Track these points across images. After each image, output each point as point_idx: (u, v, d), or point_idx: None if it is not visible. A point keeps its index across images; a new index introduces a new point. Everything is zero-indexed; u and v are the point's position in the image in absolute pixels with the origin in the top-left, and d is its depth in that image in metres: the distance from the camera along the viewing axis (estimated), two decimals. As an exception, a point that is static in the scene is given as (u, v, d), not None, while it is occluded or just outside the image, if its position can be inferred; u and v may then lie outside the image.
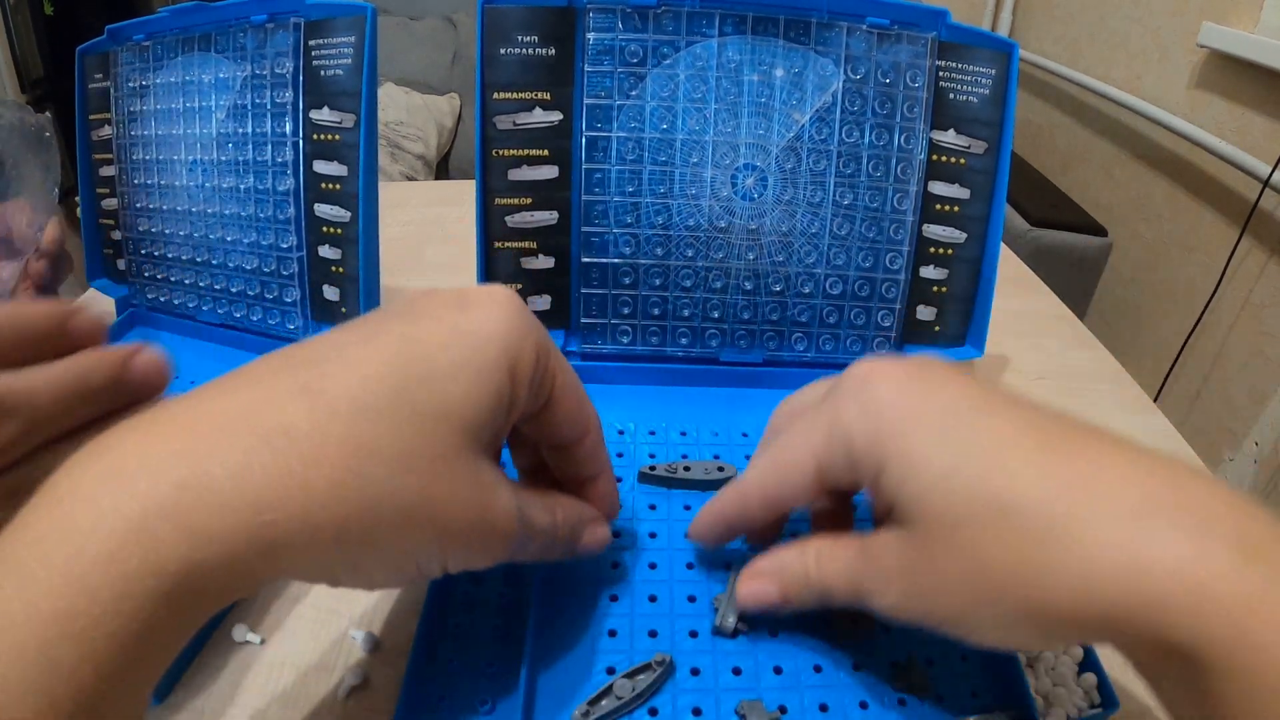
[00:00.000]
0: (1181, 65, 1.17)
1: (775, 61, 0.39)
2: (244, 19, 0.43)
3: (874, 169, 0.40)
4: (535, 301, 0.41)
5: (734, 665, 0.26)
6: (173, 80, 0.47)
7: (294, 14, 0.41)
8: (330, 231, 0.42)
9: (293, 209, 0.43)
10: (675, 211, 0.40)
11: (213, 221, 0.47)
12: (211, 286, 0.48)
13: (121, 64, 0.49)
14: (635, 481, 0.34)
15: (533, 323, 0.23)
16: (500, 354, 0.22)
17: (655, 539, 0.31)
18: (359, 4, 0.39)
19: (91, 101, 0.49)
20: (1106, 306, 1.37)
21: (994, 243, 0.42)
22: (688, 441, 0.37)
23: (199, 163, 0.46)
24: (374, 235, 0.42)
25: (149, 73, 0.48)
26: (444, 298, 0.23)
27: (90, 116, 0.49)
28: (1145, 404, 0.49)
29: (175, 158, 0.47)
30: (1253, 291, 1.06)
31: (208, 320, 0.48)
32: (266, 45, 0.43)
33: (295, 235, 0.43)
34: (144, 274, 0.50)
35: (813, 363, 0.42)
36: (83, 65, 0.49)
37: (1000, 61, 0.40)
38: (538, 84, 0.39)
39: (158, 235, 0.49)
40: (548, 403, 0.24)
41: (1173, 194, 1.22)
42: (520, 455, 0.29)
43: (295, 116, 0.42)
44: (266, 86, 0.43)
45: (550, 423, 0.25)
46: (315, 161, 0.42)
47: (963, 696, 0.26)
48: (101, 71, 0.49)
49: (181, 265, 0.49)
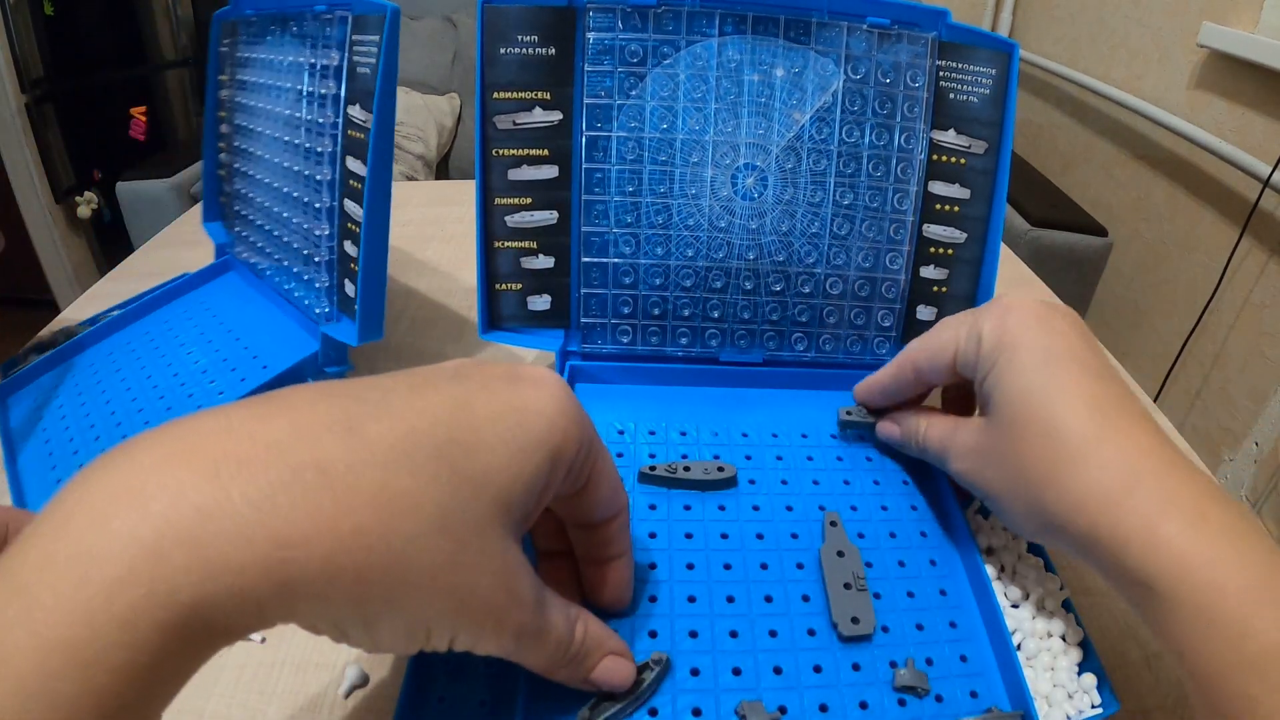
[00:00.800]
0: (1181, 65, 1.17)
1: (775, 61, 0.39)
2: (309, 6, 0.44)
3: (874, 169, 0.40)
4: (535, 301, 0.41)
5: (734, 665, 0.26)
6: (263, 56, 0.50)
7: (343, 7, 0.42)
8: (353, 228, 0.42)
9: (328, 199, 0.44)
10: (675, 211, 0.40)
11: (276, 196, 0.50)
12: (273, 255, 0.51)
13: (237, 33, 0.54)
14: (635, 481, 0.34)
15: (579, 410, 0.24)
16: (546, 435, 0.22)
17: (655, 539, 0.31)
18: (382, 3, 0.39)
19: (222, 64, 0.56)
20: (1106, 306, 1.37)
21: (994, 243, 0.42)
22: (687, 441, 0.37)
23: (274, 139, 0.49)
24: (378, 241, 0.41)
25: (251, 46, 0.52)
26: (496, 371, 0.23)
27: (219, 76, 0.56)
28: (1145, 404, 0.49)
29: (260, 130, 0.51)
30: (1253, 291, 1.06)
31: (269, 286, 0.51)
32: (324, 36, 0.43)
33: (328, 225, 0.44)
34: (235, 228, 0.56)
35: (813, 363, 0.42)
36: (217, 28, 0.55)
37: (1001, 61, 0.40)
38: (538, 84, 0.39)
39: (246, 196, 0.54)
40: (584, 486, 0.24)
41: (1173, 194, 1.22)
42: (542, 535, 0.28)
43: (337, 109, 0.42)
44: (320, 76, 0.44)
45: (583, 506, 0.25)
46: (347, 157, 0.42)
47: (962, 697, 0.26)
48: (229, 37, 0.55)
49: (256, 229, 0.53)
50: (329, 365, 0.45)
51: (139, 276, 0.60)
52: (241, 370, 0.45)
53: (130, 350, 0.50)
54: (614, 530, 0.26)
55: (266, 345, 0.47)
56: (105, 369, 0.48)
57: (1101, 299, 1.34)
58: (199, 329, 0.50)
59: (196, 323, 0.51)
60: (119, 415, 0.44)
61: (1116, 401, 0.27)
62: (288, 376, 0.45)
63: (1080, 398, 0.27)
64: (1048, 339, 0.29)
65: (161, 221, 0.79)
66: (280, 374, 0.44)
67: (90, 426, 0.44)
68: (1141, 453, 0.25)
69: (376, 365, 0.50)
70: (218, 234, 0.58)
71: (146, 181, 1.44)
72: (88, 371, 0.48)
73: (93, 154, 1.79)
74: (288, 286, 0.49)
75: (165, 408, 0.44)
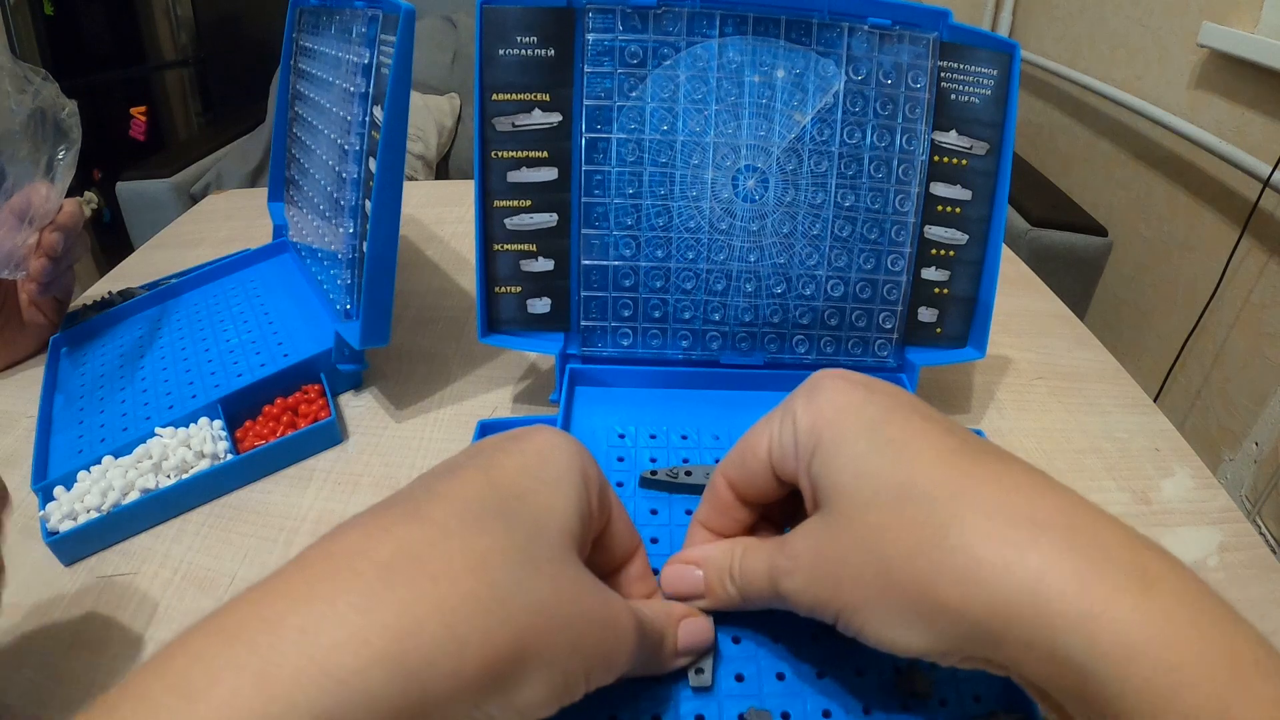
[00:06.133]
0: (1181, 65, 1.17)
1: (776, 62, 0.39)
2: (351, 2, 0.45)
3: (875, 170, 0.40)
4: (535, 304, 0.41)
5: (736, 672, 0.26)
6: (318, 49, 0.51)
7: (374, 6, 0.42)
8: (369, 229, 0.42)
9: (352, 197, 0.44)
10: (676, 213, 0.40)
11: (318, 188, 0.51)
12: (313, 245, 0.52)
13: (303, 21, 0.55)
14: (636, 486, 0.34)
15: (581, 445, 0.25)
16: (571, 465, 0.23)
17: (657, 544, 0.31)
18: (397, 2, 0.38)
19: (293, 51, 0.57)
20: (1106, 306, 1.37)
21: (995, 244, 0.42)
22: (689, 445, 0.37)
23: (321, 131, 0.50)
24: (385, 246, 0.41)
25: (310, 36, 0.53)
26: (496, 440, 0.24)
27: (290, 62, 0.58)
28: (1145, 404, 0.49)
29: (312, 119, 0.52)
30: (1253, 291, 1.06)
31: (313, 274, 0.52)
32: (360, 33, 0.44)
33: (352, 223, 0.44)
34: (289, 212, 0.59)
35: (814, 365, 0.42)
36: (293, 16, 0.57)
37: (1002, 62, 0.40)
38: (537, 85, 0.39)
39: (298, 183, 0.56)
40: (608, 521, 0.25)
41: (1173, 194, 1.22)
42: None
43: (364, 107, 0.43)
44: (353, 73, 0.44)
45: (608, 544, 0.26)
46: (370, 158, 0.42)
47: (966, 701, 0.26)
48: (299, 25, 0.57)
49: (304, 216, 0.55)
50: (342, 363, 0.45)
51: (139, 276, 0.60)
52: (265, 355, 0.47)
53: (176, 321, 0.52)
54: (638, 568, 0.27)
55: (294, 333, 0.48)
56: (149, 335, 0.51)
57: (1101, 299, 1.34)
58: (241, 307, 0.52)
59: (241, 301, 0.53)
60: (148, 382, 0.46)
61: (977, 446, 0.22)
62: (303, 368, 0.45)
63: (933, 450, 0.22)
64: (874, 401, 0.24)
65: (161, 221, 0.79)
66: (296, 364, 0.45)
67: (120, 389, 0.46)
68: (1028, 494, 0.20)
69: (378, 364, 0.50)
70: (278, 214, 0.61)
71: (146, 181, 1.44)
72: (133, 335, 0.51)
73: (93, 154, 1.79)
74: (321, 278, 0.50)
75: (188, 382, 0.45)
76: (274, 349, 0.47)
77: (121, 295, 0.55)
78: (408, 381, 0.49)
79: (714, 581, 0.26)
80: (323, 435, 0.43)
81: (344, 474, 0.41)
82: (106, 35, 1.84)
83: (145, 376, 0.46)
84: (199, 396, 0.43)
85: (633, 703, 0.25)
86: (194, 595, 0.35)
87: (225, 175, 1.51)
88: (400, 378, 0.49)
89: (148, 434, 0.41)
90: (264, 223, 0.61)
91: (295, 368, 0.45)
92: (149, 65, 1.98)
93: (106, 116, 1.85)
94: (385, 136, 0.39)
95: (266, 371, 0.44)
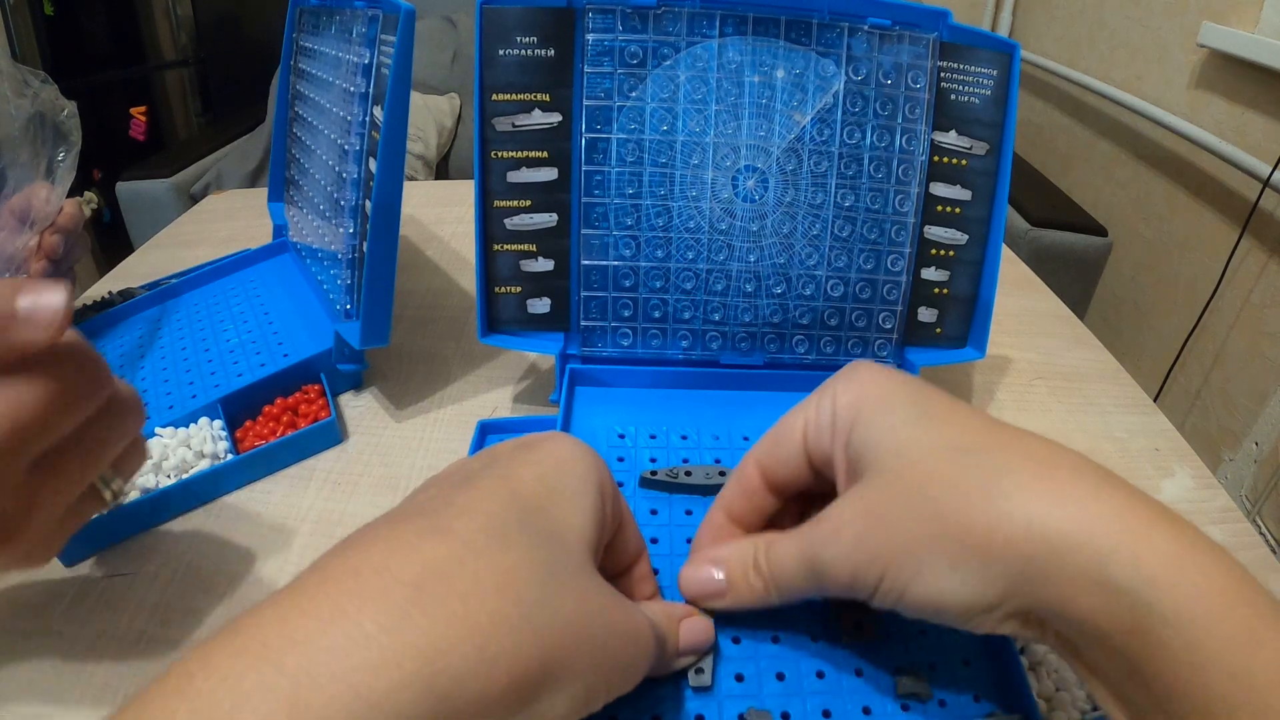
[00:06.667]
0: (1181, 65, 1.17)
1: (776, 62, 0.39)
2: (351, 2, 0.45)
3: (875, 170, 0.40)
4: (535, 304, 0.41)
5: (736, 672, 0.26)
6: (318, 48, 0.51)
7: (374, 6, 0.42)
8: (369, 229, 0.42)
9: (352, 197, 0.44)
10: (676, 213, 0.40)
11: (318, 187, 0.50)
12: (313, 245, 0.52)
13: (303, 21, 0.55)
14: (636, 486, 0.34)
15: (595, 452, 0.25)
16: (586, 473, 0.23)
17: (657, 544, 0.31)
18: (397, 2, 0.38)
19: (293, 51, 0.57)
20: (1106, 306, 1.37)
21: (995, 244, 0.42)
22: (689, 445, 0.37)
23: (321, 131, 0.50)
24: (384, 248, 0.41)
25: (310, 36, 0.53)
26: (507, 448, 0.24)
27: (290, 62, 0.58)
28: (1145, 404, 0.49)
29: (312, 120, 0.52)
30: (1253, 291, 1.06)
31: (312, 273, 0.52)
32: (359, 33, 0.44)
33: (353, 223, 0.44)
34: (289, 212, 0.59)
35: (814, 365, 0.42)
36: (293, 16, 0.57)
37: (1002, 62, 0.40)
38: (537, 85, 0.39)
39: (298, 183, 0.56)
40: (619, 525, 0.25)
41: (1173, 194, 1.22)
42: None
43: (365, 108, 0.43)
44: (352, 73, 0.44)
45: (618, 549, 0.26)
46: (369, 158, 0.42)
47: (965, 701, 0.26)
48: (298, 24, 0.57)
49: (304, 216, 0.54)
50: (342, 363, 0.45)
51: (139, 277, 0.60)
52: (264, 355, 0.46)
53: (175, 321, 0.52)
54: (643, 570, 0.27)
55: (294, 333, 0.48)
56: (149, 335, 0.51)
57: (1101, 299, 1.34)
58: (241, 307, 0.52)
59: (241, 300, 0.53)
60: (148, 382, 0.46)
61: (1018, 430, 0.23)
62: (303, 368, 0.45)
63: (972, 416, 0.23)
64: (906, 379, 0.25)
65: (161, 221, 0.79)
66: (296, 364, 0.45)
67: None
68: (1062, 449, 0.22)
69: (378, 364, 0.50)
70: (278, 214, 0.61)
71: (146, 181, 1.44)
72: (134, 335, 0.51)
73: (92, 154, 1.79)
74: (321, 278, 0.50)
75: (188, 382, 0.45)
76: (274, 349, 0.47)
77: (121, 295, 0.55)
78: (408, 381, 0.49)
79: (737, 576, 0.26)
80: (323, 435, 0.43)
81: (344, 474, 0.41)
82: (106, 35, 1.84)
83: (145, 376, 0.46)
84: (199, 396, 0.43)
85: (633, 703, 0.25)
86: (194, 595, 0.35)
87: (225, 175, 1.51)
88: (400, 378, 0.49)
89: (148, 434, 0.41)
90: (264, 223, 0.61)
91: (295, 368, 0.45)
92: (149, 65, 1.98)
93: (106, 116, 1.85)
94: (385, 136, 0.39)
95: (266, 371, 0.44)
